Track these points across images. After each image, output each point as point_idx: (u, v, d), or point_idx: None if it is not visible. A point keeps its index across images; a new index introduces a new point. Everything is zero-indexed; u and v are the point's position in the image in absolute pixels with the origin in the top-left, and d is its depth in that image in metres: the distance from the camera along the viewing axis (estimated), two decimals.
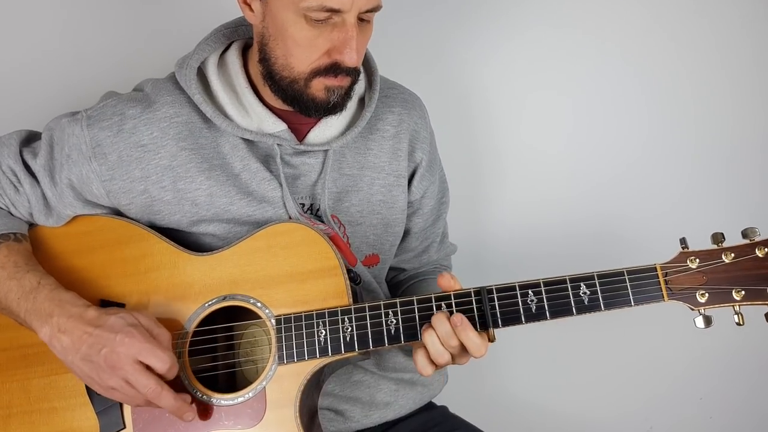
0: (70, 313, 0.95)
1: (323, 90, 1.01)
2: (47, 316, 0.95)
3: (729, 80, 1.55)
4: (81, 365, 0.93)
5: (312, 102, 1.02)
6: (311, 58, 0.98)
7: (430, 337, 0.93)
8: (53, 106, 1.17)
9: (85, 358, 0.93)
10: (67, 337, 0.94)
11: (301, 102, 1.02)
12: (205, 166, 1.04)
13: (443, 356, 0.94)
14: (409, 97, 1.21)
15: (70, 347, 0.93)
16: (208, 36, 1.10)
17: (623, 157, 1.55)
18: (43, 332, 0.95)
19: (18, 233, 1.06)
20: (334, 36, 0.97)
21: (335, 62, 0.98)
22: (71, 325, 0.94)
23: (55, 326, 0.94)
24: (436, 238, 1.28)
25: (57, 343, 0.94)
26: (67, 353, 0.94)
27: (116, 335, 0.92)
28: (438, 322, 0.93)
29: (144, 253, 1.04)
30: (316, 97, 1.01)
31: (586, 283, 0.93)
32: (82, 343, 0.93)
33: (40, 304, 0.96)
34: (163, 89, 1.07)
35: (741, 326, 0.90)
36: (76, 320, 0.94)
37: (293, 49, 0.98)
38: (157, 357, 0.91)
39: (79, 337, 0.93)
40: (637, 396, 1.64)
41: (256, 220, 1.06)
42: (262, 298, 1.00)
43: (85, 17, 1.39)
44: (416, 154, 1.18)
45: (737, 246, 0.91)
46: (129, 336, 0.91)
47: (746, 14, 1.53)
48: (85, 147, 1.03)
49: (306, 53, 0.98)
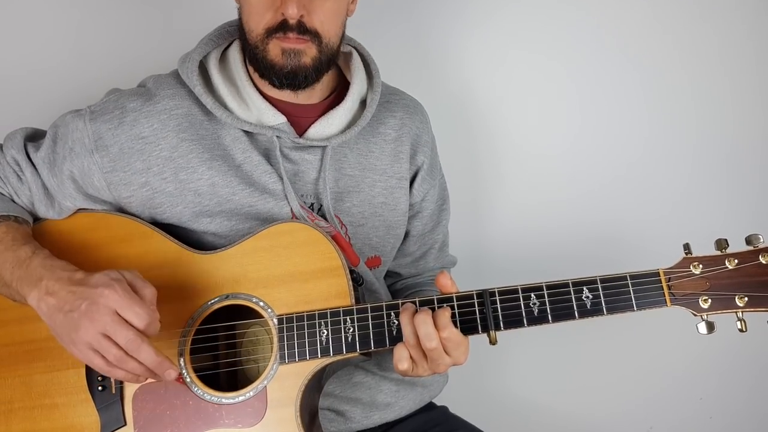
0: (59, 276, 0.94)
1: (279, 53, 1.03)
2: (37, 280, 0.94)
3: (730, 82, 1.54)
4: (63, 323, 0.91)
5: (271, 67, 1.04)
6: (265, 17, 1.02)
7: (404, 321, 0.92)
8: (58, 107, 1.18)
9: (66, 315, 0.90)
10: (53, 298, 0.92)
11: (265, 69, 1.05)
12: (206, 156, 1.05)
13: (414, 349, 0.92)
14: (411, 102, 1.23)
15: (54, 307, 0.92)
16: (211, 32, 1.12)
17: (624, 159, 1.55)
18: (32, 296, 0.94)
19: (20, 217, 1.06)
20: None
21: (283, 19, 1.01)
22: (58, 287, 0.93)
23: (43, 289, 0.93)
24: (435, 244, 1.28)
25: (44, 305, 0.93)
26: (52, 314, 0.92)
27: (97, 289, 0.90)
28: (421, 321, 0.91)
29: (147, 251, 1.04)
30: (274, 61, 1.03)
31: (588, 287, 0.92)
32: (65, 302, 0.91)
33: (33, 270, 0.96)
34: (165, 83, 1.09)
35: (744, 332, 0.90)
36: (63, 282, 0.93)
37: (250, 11, 1.03)
38: (134, 311, 0.88)
39: (63, 297, 0.91)
40: (637, 396, 1.64)
41: (257, 211, 1.06)
42: (265, 297, 1.00)
43: (90, 18, 1.40)
44: (418, 158, 1.19)
45: (741, 252, 0.91)
46: (109, 288, 0.89)
47: (747, 15, 1.52)
48: (88, 140, 1.04)
49: (259, 13, 1.02)
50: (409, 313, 0.92)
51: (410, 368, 0.94)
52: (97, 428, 0.99)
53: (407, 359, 0.93)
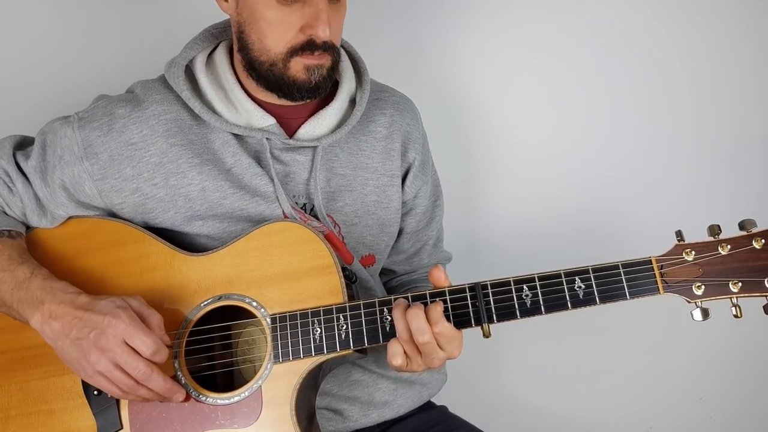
0: (61, 299, 0.95)
1: (303, 70, 1.02)
2: (39, 303, 0.96)
3: (727, 78, 1.54)
4: (70, 350, 0.93)
5: (294, 84, 1.02)
6: (286, 37, 1.00)
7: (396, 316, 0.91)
8: (48, 111, 1.18)
9: (74, 342, 0.93)
10: (57, 323, 0.94)
11: (283, 85, 1.03)
12: (196, 161, 1.05)
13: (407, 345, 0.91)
14: (401, 99, 1.22)
15: (60, 332, 0.94)
16: (196, 36, 1.12)
17: (620, 154, 1.55)
18: (35, 319, 0.95)
19: (13, 231, 1.07)
20: (305, 12, 0.98)
21: (310, 39, 0.99)
22: (62, 311, 0.94)
23: (46, 312, 0.95)
24: (429, 241, 1.28)
25: (48, 329, 0.95)
26: (57, 338, 0.94)
27: (104, 317, 0.92)
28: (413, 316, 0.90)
29: (140, 255, 1.05)
30: (297, 78, 1.02)
31: (580, 277, 0.92)
32: (72, 328, 0.93)
33: (33, 292, 0.97)
34: (152, 89, 1.09)
35: (739, 318, 0.89)
36: (66, 306, 0.94)
37: (267, 30, 0.99)
38: (142, 340, 0.91)
39: (69, 322, 0.93)
40: (637, 396, 1.64)
41: (249, 214, 1.06)
42: (258, 297, 1.00)
43: (80, 21, 1.40)
44: (409, 154, 1.19)
45: (734, 238, 0.90)
46: (116, 318, 0.91)
47: (746, 13, 1.52)
48: (77, 148, 1.04)
49: (280, 33, 0.99)
50: (402, 308, 0.92)
51: (404, 364, 0.93)
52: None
53: (401, 355, 0.93)
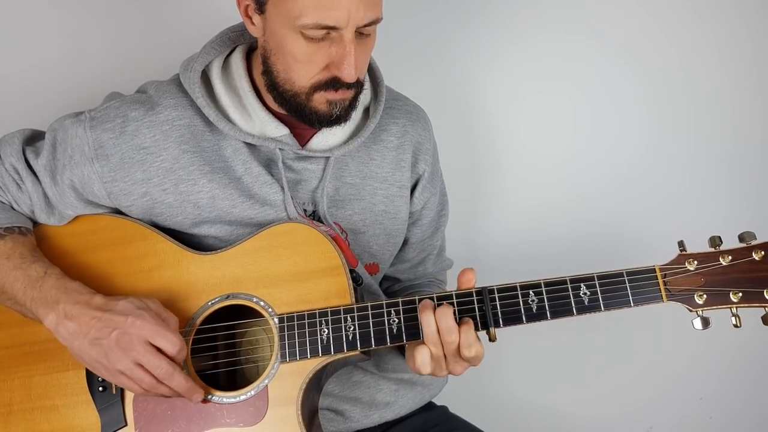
0: (76, 299, 0.96)
1: (325, 103, 1.01)
2: (53, 303, 0.96)
3: (729, 81, 1.55)
4: (89, 350, 0.94)
5: (315, 115, 1.02)
6: (311, 73, 0.99)
7: (427, 318, 0.92)
8: (57, 107, 1.17)
9: (93, 342, 0.93)
10: (73, 323, 0.94)
11: (304, 114, 1.03)
12: (207, 169, 1.05)
13: (435, 346, 0.92)
14: (414, 109, 1.21)
15: (77, 332, 0.94)
16: (213, 39, 1.10)
17: (623, 159, 1.56)
18: (49, 319, 0.96)
19: (23, 227, 1.06)
20: (332, 51, 0.97)
21: (334, 77, 0.98)
22: (78, 311, 0.95)
23: (61, 312, 0.95)
24: (433, 250, 1.28)
25: (63, 330, 0.95)
26: (74, 339, 0.94)
27: (127, 318, 0.93)
28: (442, 314, 0.92)
29: (147, 252, 1.05)
30: (318, 110, 1.02)
31: (586, 284, 0.94)
32: (90, 328, 0.94)
33: (47, 291, 0.97)
34: (167, 92, 1.07)
35: (738, 328, 0.92)
36: (83, 306, 0.95)
37: (293, 64, 0.98)
38: (168, 339, 0.93)
39: (86, 323, 0.94)
40: (638, 396, 1.65)
41: (258, 222, 1.06)
42: (265, 297, 1.00)
43: (88, 19, 1.39)
44: (419, 166, 1.19)
45: (734, 249, 0.93)
46: (140, 318, 0.93)
47: (746, 15, 1.54)
48: (88, 148, 1.04)
49: (305, 69, 0.98)
50: (430, 309, 0.92)
51: (433, 371, 0.95)
52: (97, 429, 0.99)
53: (429, 363, 0.94)
